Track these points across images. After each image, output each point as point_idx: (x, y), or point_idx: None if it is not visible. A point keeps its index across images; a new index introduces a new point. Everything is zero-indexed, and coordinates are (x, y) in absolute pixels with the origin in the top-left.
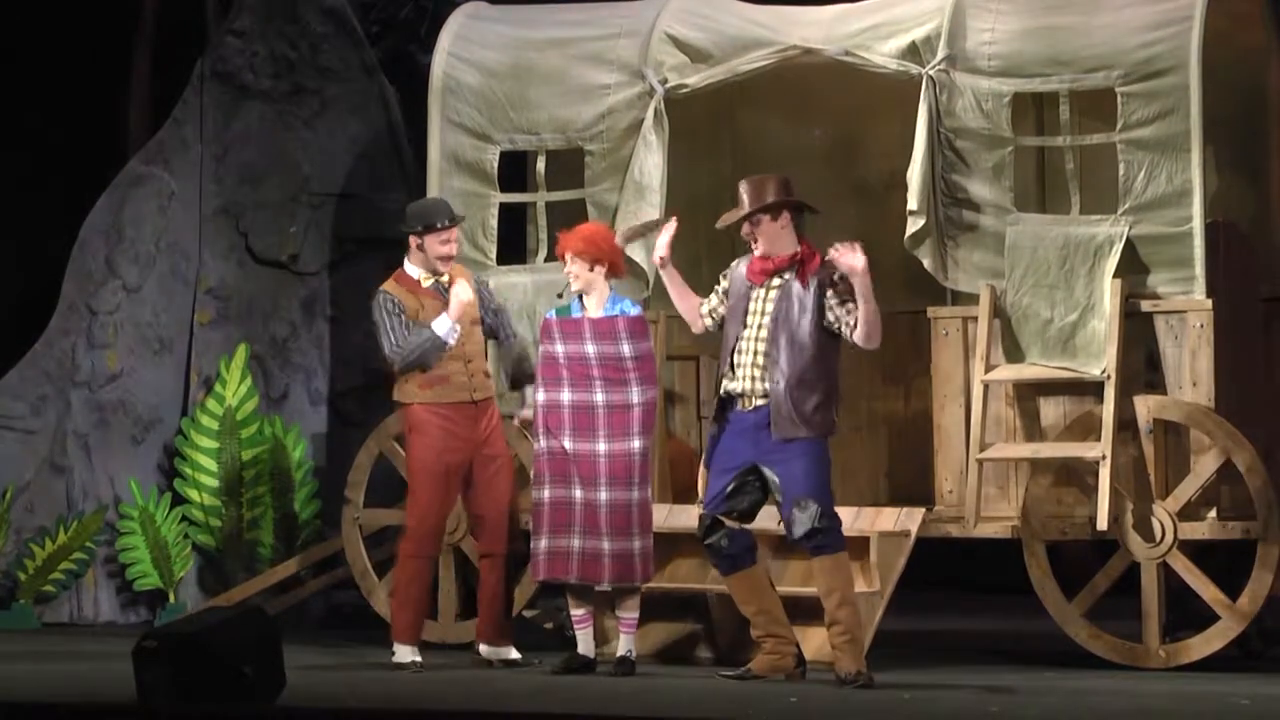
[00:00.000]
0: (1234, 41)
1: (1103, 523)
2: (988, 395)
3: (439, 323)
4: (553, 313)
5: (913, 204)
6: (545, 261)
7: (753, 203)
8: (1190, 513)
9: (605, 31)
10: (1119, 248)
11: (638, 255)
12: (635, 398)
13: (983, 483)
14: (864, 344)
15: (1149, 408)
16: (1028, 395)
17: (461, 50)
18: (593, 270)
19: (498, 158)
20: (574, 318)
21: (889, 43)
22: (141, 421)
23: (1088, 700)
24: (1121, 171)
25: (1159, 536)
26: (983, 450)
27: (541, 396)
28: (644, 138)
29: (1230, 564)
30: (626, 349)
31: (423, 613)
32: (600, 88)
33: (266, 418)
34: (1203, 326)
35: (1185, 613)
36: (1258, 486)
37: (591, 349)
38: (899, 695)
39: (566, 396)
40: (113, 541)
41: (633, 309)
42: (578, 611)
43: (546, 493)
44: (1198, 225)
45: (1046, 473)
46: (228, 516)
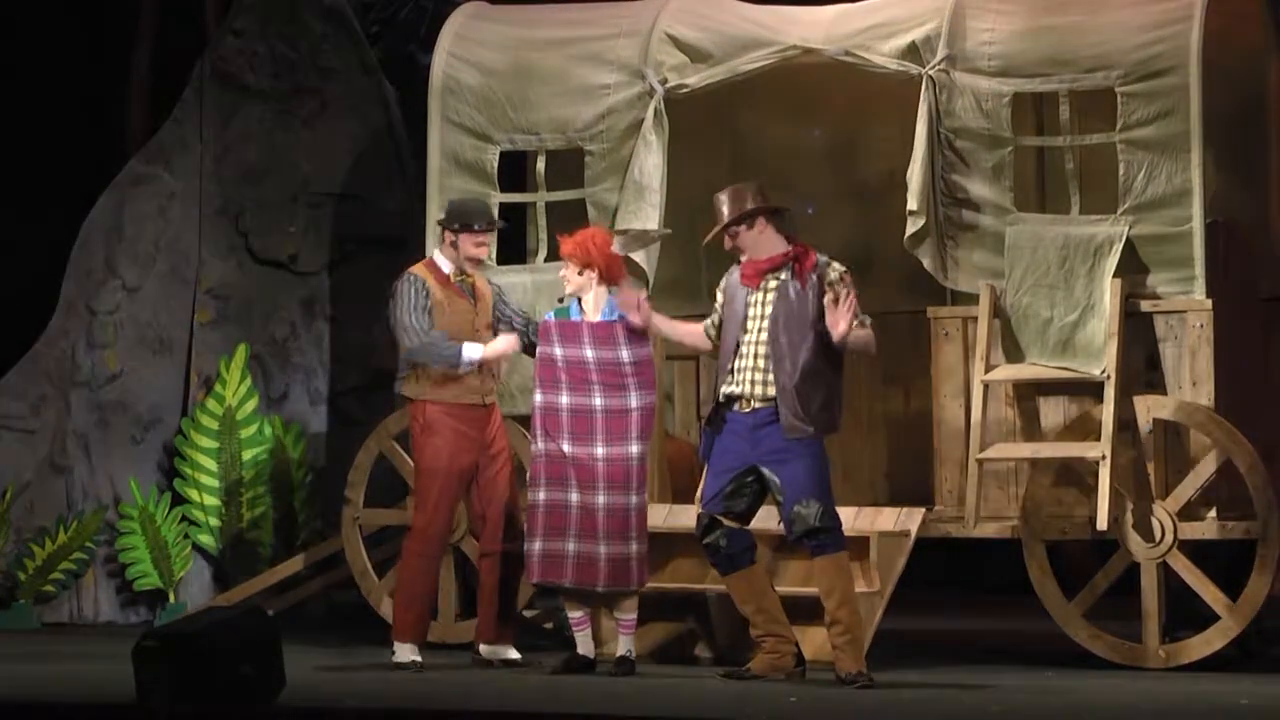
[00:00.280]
0: (1234, 41)
1: (1103, 523)
2: (988, 395)
3: (471, 349)
4: (551, 315)
5: (913, 204)
6: (545, 261)
7: (726, 216)
8: (1190, 513)
9: (605, 31)
10: (1119, 248)
11: (637, 256)
12: (633, 403)
13: (983, 483)
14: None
15: (1149, 408)
16: (1028, 395)
17: (461, 50)
18: (582, 274)
19: (498, 158)
20: (573, 321)
21: (889, 43)
22: (141, 421)
23: (1088, 700)
24: (1121, 171)
25: (1159, 536)
26: (983, 450)
27: (539, 399)
28: (644, 138)
29: (1231, 564)
30: (625, 354)
31: (426, 612)
32: (600, 88)
33: (266, 418)
34: (1203, 326)
35: (1185, 613)
36: (1258, 486)
37: (590, 353)
38: (899, 695)
39: (565, 400)
40: (113, 541)
41: None
42: (575, 614)
43: (542, 495)
44: (1198, 225)
45: (1046, 473)
46: (228, 516)
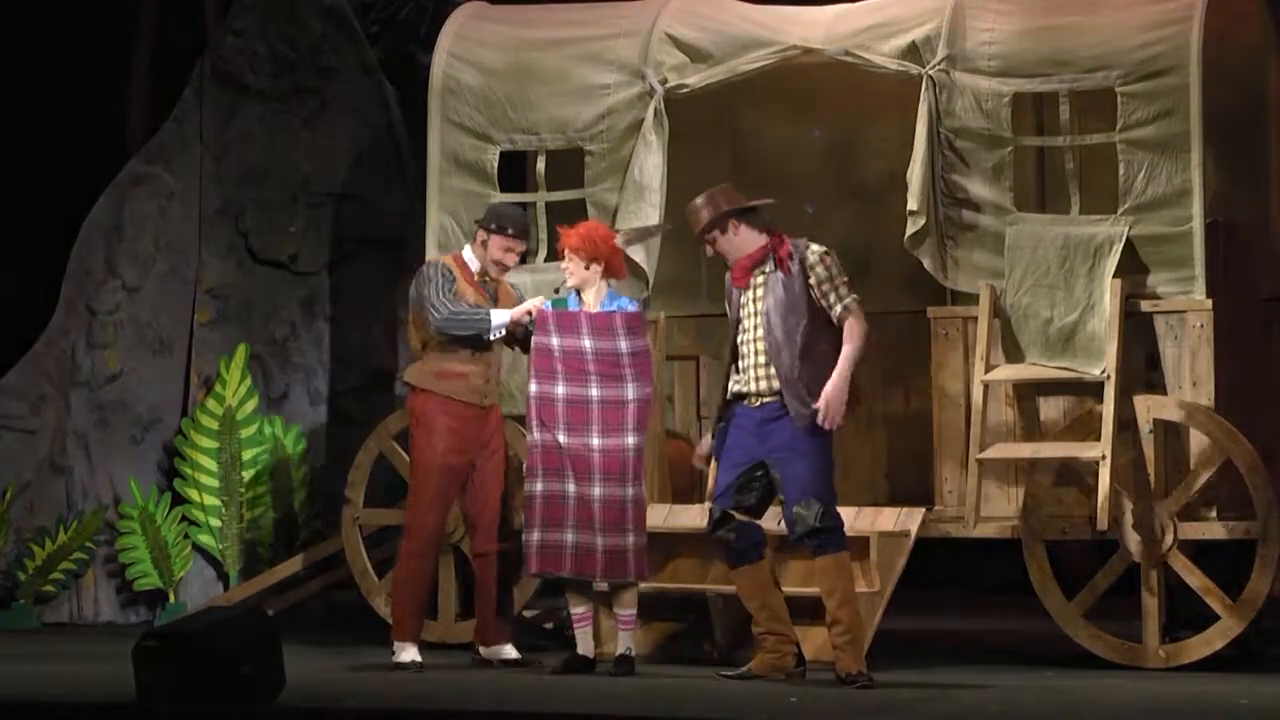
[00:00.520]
0: (1234, 41)
1: (1103, 523)
2: (988, 395)
3: (498, 314)
4: (548, 304)
5: (913, 204)
6: (545, 261)
7: (697, 229)
8: (1190, 513)
9: (605, 31)
10: (1119, 248)
11: (638, 256)
12: (630, 394)
13: (983, 483)
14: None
15: (1149, 408)
16: (1028, 395)
17: (461, 50)
18: (589, 268)
19: (498, 158)
20: (571, 311)
21: (889, 43)
22: (141, 421)
23: (1088, 700)
24: (1121, 171)
25: (1159, 536)
26: (983, 450)
27: (534, 389)
28: (644, 138)
29: (1230, 564)
30: (623, 345)
31: (423, 611)
32: (600, 88)
33: (266, 418)
34: (1203, 326)
35: (1185, 613)
36: (1258, 486)
37: (588, 343)
38: (899, 695)
39: (561, 390)
40: (113, 541)
41: (630, 305)
42: (578, 610)
43: (539, 486)
44: (1198, 225)
45: (1046, 473)
46: (228, 516)
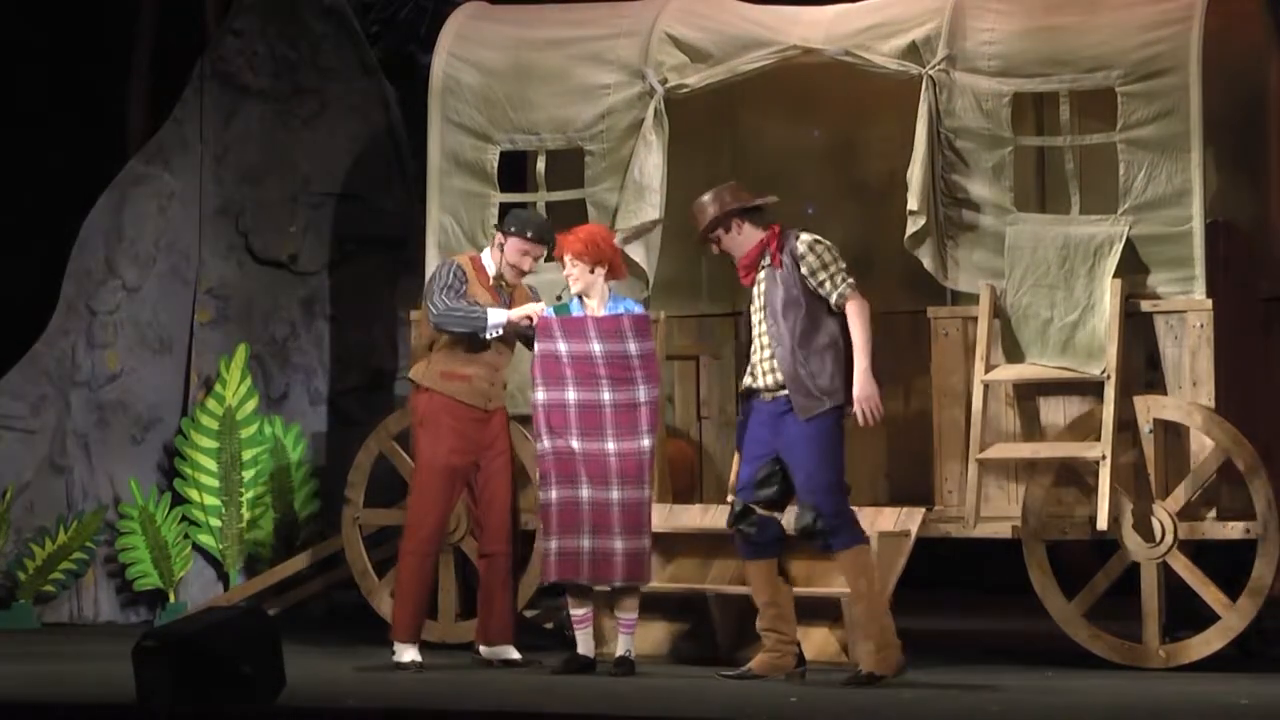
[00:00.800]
0: (1234, 41)
1: (1103, 523)
2: (988, 395)
3: (495, 313)
4: (550, 310)
5: (913, 204)
6: (545, 261)
7: (700, 226)
8: (1190, 513)
9: (605, 31)
10: (1119, 248)
11: (637, 255)
12: (642, 396)
13: (983, 483)
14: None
15: (1149, 408)
16: (1028, 395)
17: (461, 50)
18: (593, 272)
19: (498, 158)
20: (577, 316)
21: (889, 43)
22: (141, 421)
23: (1088, 700)
24: (1121, 171)
25: (1159, 536)
26: (983, 450)
27: (542, 396)
28: (644, 138)
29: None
30: (633, 347)
31: (423, 611)
32: (600, 88)
33: (266, 418)
34: (1203, 326)
35: (1185, 613)
36: (1258, 486)
37: (598, 347)
38: (899, 695)
39: (572, 395)
40: (113, 541)
41: (636, 308)
42: (578, 611)
43: (554, 494)
44: (1198, 225)
45: (1046, 473)
46: (228, 516)
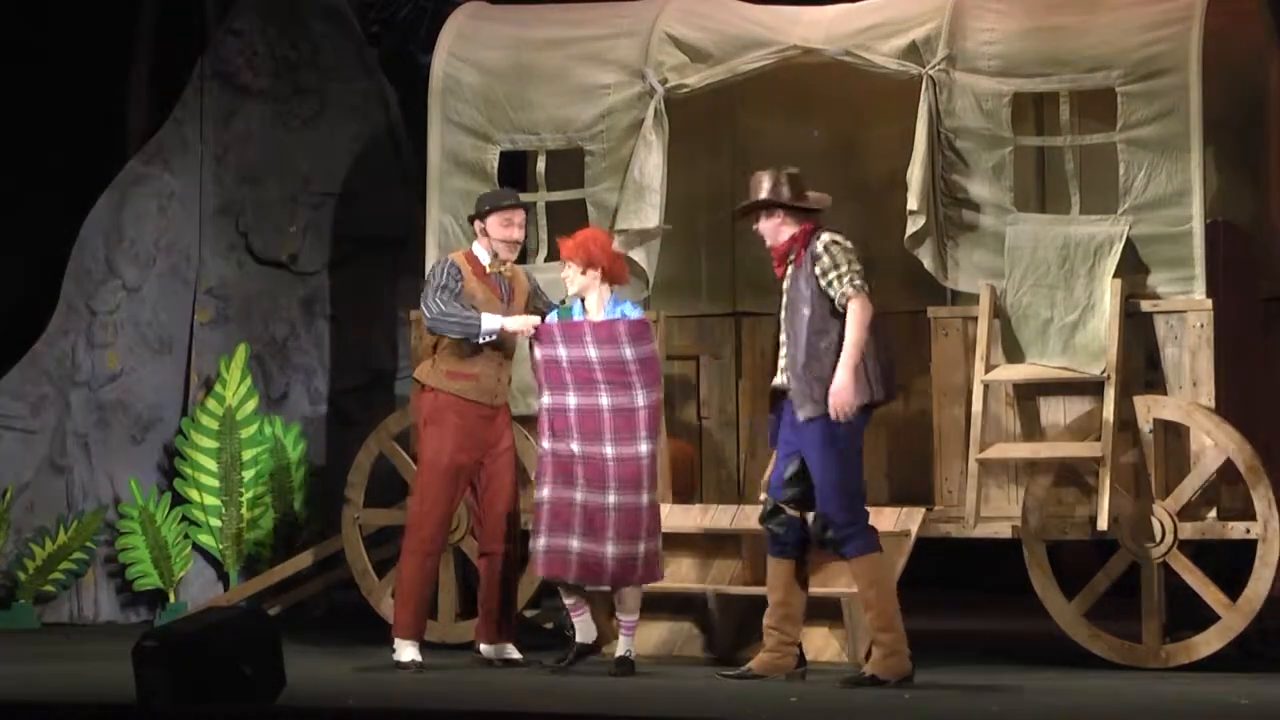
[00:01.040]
0: (1234, 41)
1: (1103, 523)
2: (988, 395)
3: (489, 319)
4: (554, 315)
5: (913, 204)
6: (545, 261)
7: (746, 203)
8: (1190, 513)
9: (605, 31)
10: (1119, 248)
11: (638, 255)
12: (640, 401)
13: (983, 483)
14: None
15: (1149, 408)
16: (1028, 395)
17: (462, 50)
18: (585, 274)
19: (498, 158)
20: (574, 321)
21: (889, 43)
22: (141, 421)
23: (1088, 700)
24: (1121, 171)
25: (1159, 536)
26: (983, 450)
27: (547, 400)
28: (644, 138)
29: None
30: (628, 352)
31: (425, 610)
32: (600, 88)
33: (266, 418)
34: (1203, 326)
35: (1185, 613)
36: (1258, 486)
37: (594, 353)
38: (899, 695)
39: (573, 400)
40: (113, 541)
41: (634, 311)
42: (570, 599)
43: (547, 492)
44: (1198, 225)
45: (1046, 473)
46: (228, 516)
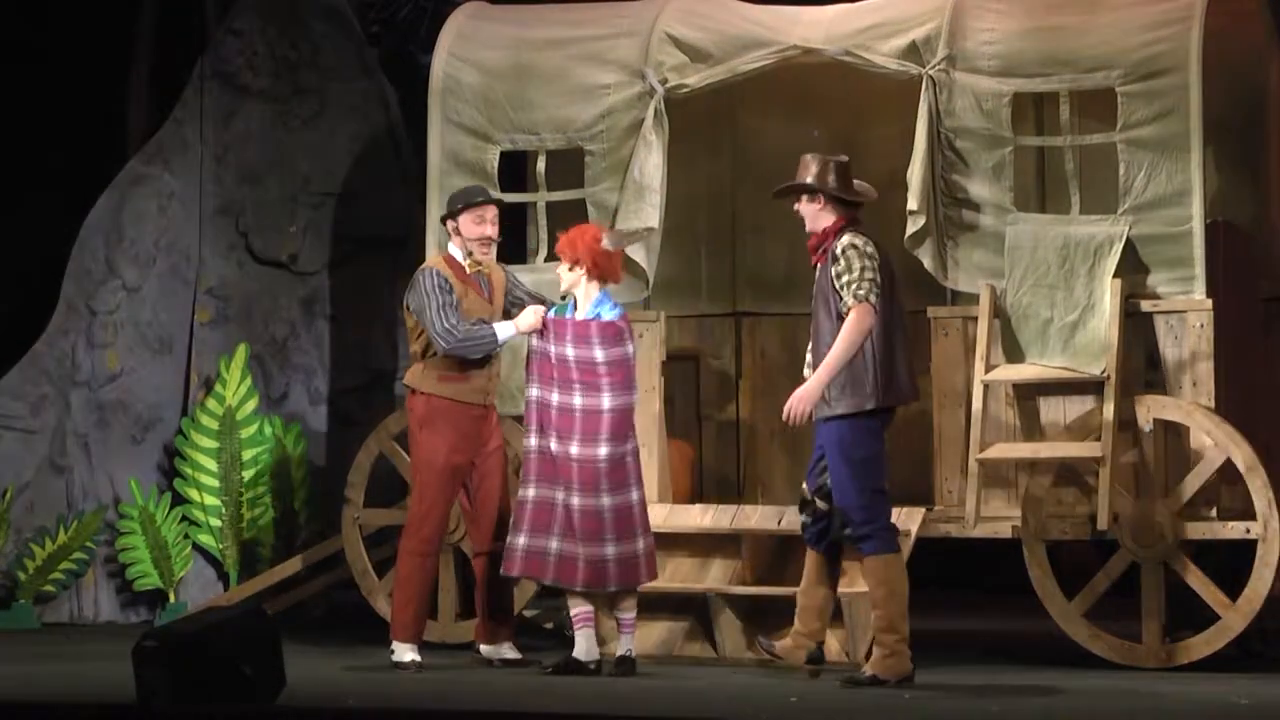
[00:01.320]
0: (1234, 41)
1: (1103, 523)
2: (988, 395)
3: (503, 328)
4: (552, 311)
5: (913, 204)
6: (545, 261)
7: (791, 183)
8: (1190, 513)
9: (605, 31)
10: (1119, 248)
11: (637, 255)
12: (606, 403)
13: (983, 483)
14: None
15: (1149, 408)
16: (1028, 395)
17: (462, 50)
18: (571, 270)
19: (498, 158)
20: (561, 318)
21: (889, 43)
22: (141, 421)
23: (1088, 700)
24: (1121, 171)
25: (1159, 536)
26: (983, 450)
27: (535, 393)
28: (644, 138)
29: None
30: (599, 354)
31: (424, 610)
32: (600, 88)
33: (266, 418)
34: (1203, 326)
35: (1185, 613)
36: (1258, 486)
37: (570, 351)
38: (899, 695)
39: (555, 397)
40: (113, 541)
41: (611, 313)
42: (577, 609)
43: (531, 491)
44: (1198, 225)
45: (1046, 473)
46: (228, 516)
